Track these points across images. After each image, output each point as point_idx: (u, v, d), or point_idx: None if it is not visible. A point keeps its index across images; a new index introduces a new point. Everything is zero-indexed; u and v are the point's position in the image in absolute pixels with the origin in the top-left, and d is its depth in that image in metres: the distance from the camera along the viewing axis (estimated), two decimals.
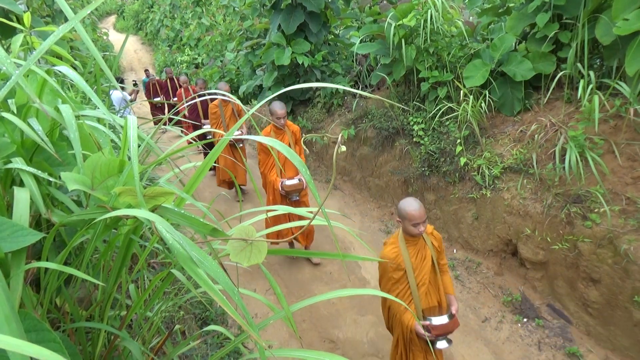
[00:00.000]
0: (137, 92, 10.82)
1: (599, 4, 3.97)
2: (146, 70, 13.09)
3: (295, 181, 4.65)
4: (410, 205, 2.67)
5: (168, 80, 10.74)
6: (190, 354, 2.84)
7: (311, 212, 1.42)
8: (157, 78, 11.60)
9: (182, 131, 6.95)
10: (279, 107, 4.54)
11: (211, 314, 3.82)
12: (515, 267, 4.45)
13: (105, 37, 17.81)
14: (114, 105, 9.34)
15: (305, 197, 4.91)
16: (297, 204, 4.79)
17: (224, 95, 5.66)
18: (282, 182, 4.62)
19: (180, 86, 9.79)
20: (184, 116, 7.52)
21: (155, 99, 10.56)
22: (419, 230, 2.66)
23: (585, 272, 3.65)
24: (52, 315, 1.45)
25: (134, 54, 22.07)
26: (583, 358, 3.60)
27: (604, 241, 3.49)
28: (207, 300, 3.66)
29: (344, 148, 0.96)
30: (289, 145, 4.46)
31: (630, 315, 3.37)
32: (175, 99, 9.45)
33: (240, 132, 6.39)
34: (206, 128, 6.37)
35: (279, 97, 7.85)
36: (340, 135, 1.11)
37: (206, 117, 7.76)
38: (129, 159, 1.20)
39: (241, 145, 6.48)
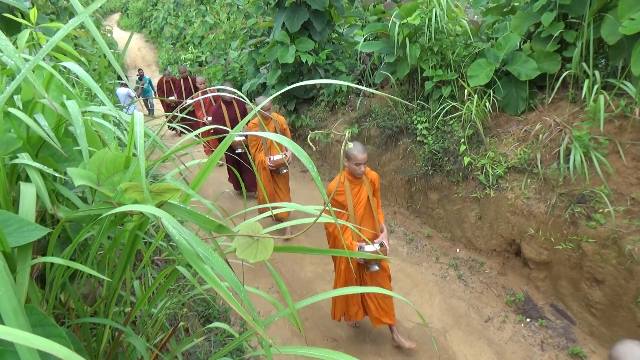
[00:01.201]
0: (141, 88, 10.53)
1: (604, 3, 3.94)
2: (139, 70, 12.56)
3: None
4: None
5: (182, 80, 10.11)
6: (193, 351, 2.84)
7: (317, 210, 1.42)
8: (172, 76, 10.84)
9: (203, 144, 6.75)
10: (359, 151, 3.35)
11: (214, 311, 3.83)
12: (518, 267, 4.44)
13: (109, 35, 17.84)
14: (119, 102, 9.33)
15: (384, 264, 3.70)
16: (377, 273, 3.66)
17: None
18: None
19: (197, 88, 9.23)
20: (204, 125, 6.82)
21: (170, 98, 10.22)
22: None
23: (589, 273, 3.64)
24: (57, 310, 1.45)
25: (138, 51, 22.10)
26: (586, 358, 3.59)
27: (608, 241, 3.48)
28: (210, 298, 3.67)
29: (351, 145, 0.96)
30: (367, 198, 3.48)
31: (634, 316, 3.36)
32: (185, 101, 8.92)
33: (285, 155, 5.47)
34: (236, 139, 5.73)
35: (283, 95, 7.85)
36: (348, 132, 1.11)
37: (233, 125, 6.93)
38: (134, 155, 1.21)
39: (285, 171, 5.61)
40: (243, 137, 5.81)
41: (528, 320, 4.01)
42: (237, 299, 0.98)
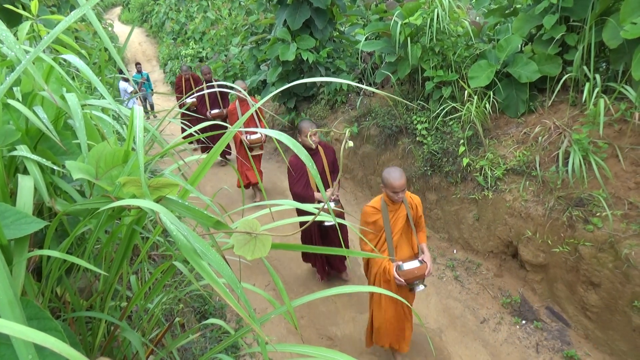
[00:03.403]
0: (143, 84, 10.01)
1: (606, 7, 3.94)
2: (137, 64, 11.84)
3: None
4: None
5: (205, 83, 8.63)
6: (189, 347, 2.84)
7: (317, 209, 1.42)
8: (192, 72, 9.52)
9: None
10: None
11: (210, 307, 3.82)
12: (515, 269, 4.45)
13: (110, 29, 17.78)
14: (120, 96, 9.23)
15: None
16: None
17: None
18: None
19: (221, 93, 8.02)
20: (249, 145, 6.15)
21: (189, 100, 8.53)
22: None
23: (585, 276, 3.65)
24: (53, 304, 1.45)
25: (139, 46, 22.04)
26: None
27: (605, 245, 3.49)
28: (206, 294, 3.67)
29: (351, 143, 0.96)
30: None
31: (629, 320, 3.37)
32: (216, 110, 7.86)
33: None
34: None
35: (283, 92, 7.84)
36: (348, 130, 1.10)
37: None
38: (133, 150, 1.20)
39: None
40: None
41: (523, 322, 4.01)
42: (234, 296, 0.98)
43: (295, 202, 1.41)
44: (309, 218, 1.23)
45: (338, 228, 1.34)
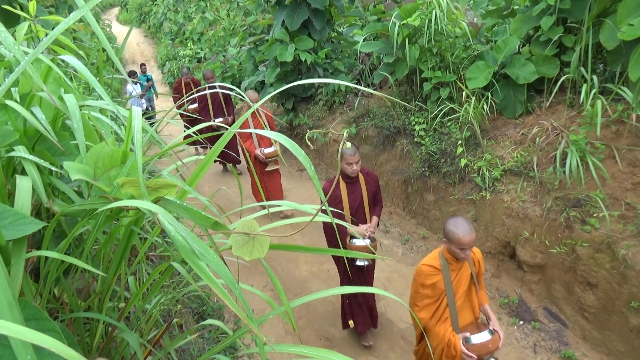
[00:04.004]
0: (150, 87, 9.47)
1: (604, 8, 3.96)
2: (142, 65, 11.27)
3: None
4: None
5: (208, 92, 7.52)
6: (187, 348, 2.84)
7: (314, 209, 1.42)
8: (193, 76, 8.77)
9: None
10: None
11: (208, 308, 3.82)
12: (512, 270, 4.46)
13: (108, 29, 17.75)
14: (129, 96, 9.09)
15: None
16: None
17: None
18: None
19: (226, 98, 7.42)
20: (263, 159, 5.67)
21: (191, 107, 8.03)
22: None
23: (583, 277, 3.66)
24: (51, 305, 1.45)
25: (137, 46, 22.01)
26: None
27: (602, 246, 3.50)
28: (204, 295, 3.67)
29: (349, 144, 0.96)
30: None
31: (626, 321, 3.38)
32: (220, 119, 7.17)
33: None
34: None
35: (281, 94, 7.84)
36: (346, 130, 1.11)
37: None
38: (132, 150, 1.20)
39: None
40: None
41: (521, 322, 4.02)
42: (232, 297, 0.98)
43: (293, 203, 1.41)
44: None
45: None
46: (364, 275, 3.77)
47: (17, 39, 1.67)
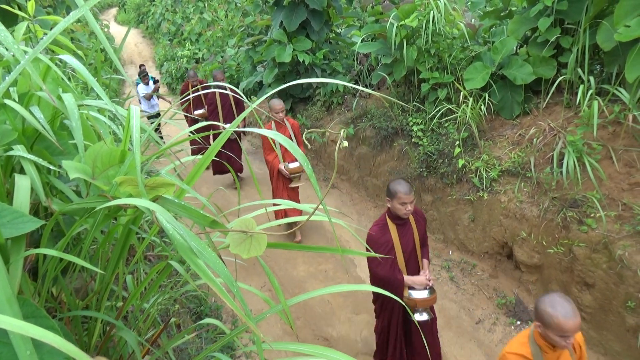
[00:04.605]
0: (158, 88, 8.76)
1: (600, 9, 3.98)
2: (141, 66, 10.73)
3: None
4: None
5: (218, 95, 6.84)
6: (184, 347, 2.84)
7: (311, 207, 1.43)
8: (200, 79, 8.13)
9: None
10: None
11: (205, 308, 3.82)
12: (510, 270, 4.47)
13: (106, 29, 17.72)
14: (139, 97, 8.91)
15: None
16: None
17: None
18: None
19: (238, 102, 6.82)
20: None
21: (197, 112, 7.29)
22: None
23: (580, 277, 3.67)
24: (49, 304, 1.45)
25: (135, 47, 21.98)
26: None
27: (599, 246, 3.51)
28: (202, 295, 3.67)
29: (346, 143, 0.97)
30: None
31: (623, 321, 3.40)
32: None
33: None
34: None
35: (279, 94, 7.84)
36: (343, 130, 1.11)
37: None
38: (130, 150, 1.21)
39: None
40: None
41: (518, 322, 4.03)
42: (230, 295, 0.99)
43: (292, 202, 1.41)
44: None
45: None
46: (425, 332, 3.06)
47: (15, 38, 1.67)
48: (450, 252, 5.05)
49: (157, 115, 8.57)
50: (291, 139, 4.66)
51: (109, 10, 30.34)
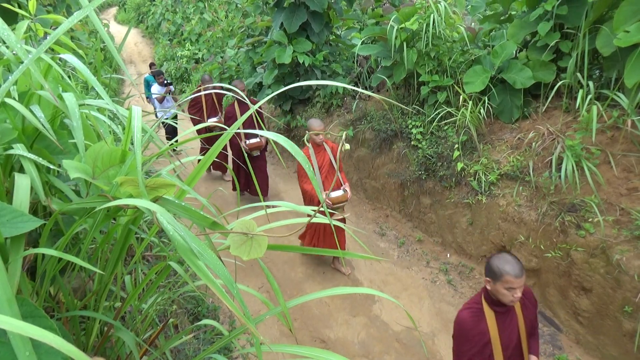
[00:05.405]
0: (170, 91, 8.15)
1: (600, 15, 3.99)
2: (152, 65, 10.47)
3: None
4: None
5: (236, 101, 6.25)
6: (182, 348, 2.84)
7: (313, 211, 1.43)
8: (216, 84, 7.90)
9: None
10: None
11: (203, 309, 3.81)
12: None
13: (106, 29, 17.66)
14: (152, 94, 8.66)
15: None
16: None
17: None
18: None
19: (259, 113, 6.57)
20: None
21: (211, 120, 6.79)
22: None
23: (577, 281, 3.67)
24: (47, 304, 1.45)
25: (134, 46, 21.96)
26: None
27: (596, 251, 3.52)
28: (200, 296, 3.66)
29: (347, 146, 0.97)
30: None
31: (620, 325, 3.40)
32: (254, 140, 5.96)
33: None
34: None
35: (279, 95, 7.84)
36: (344, 133, 1.11)
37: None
38: (130, 150, 1.20)
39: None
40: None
41: None
42: (229, 296, 0.98)
43: (291, 204, 1.41)
44: (303, 220, 1.23)
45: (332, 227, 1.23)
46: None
47: (17, 37, 1.67)
48: (448, 255, 5.06)
49: (174, 118, 8.38)
50: (331, 164, 4.50)
51: (108, 9, 30.31)
